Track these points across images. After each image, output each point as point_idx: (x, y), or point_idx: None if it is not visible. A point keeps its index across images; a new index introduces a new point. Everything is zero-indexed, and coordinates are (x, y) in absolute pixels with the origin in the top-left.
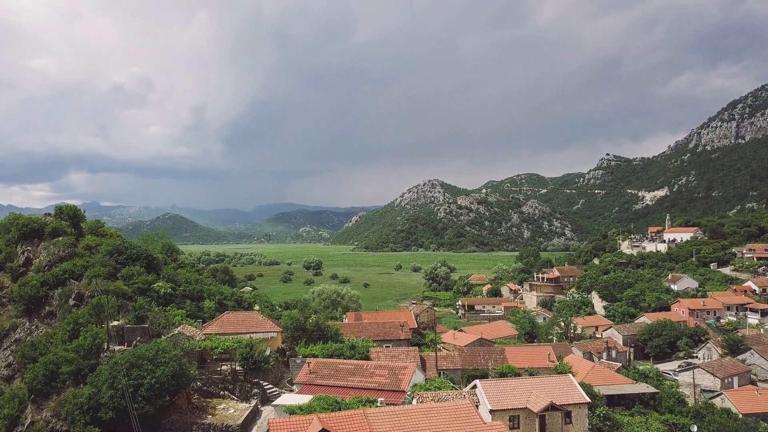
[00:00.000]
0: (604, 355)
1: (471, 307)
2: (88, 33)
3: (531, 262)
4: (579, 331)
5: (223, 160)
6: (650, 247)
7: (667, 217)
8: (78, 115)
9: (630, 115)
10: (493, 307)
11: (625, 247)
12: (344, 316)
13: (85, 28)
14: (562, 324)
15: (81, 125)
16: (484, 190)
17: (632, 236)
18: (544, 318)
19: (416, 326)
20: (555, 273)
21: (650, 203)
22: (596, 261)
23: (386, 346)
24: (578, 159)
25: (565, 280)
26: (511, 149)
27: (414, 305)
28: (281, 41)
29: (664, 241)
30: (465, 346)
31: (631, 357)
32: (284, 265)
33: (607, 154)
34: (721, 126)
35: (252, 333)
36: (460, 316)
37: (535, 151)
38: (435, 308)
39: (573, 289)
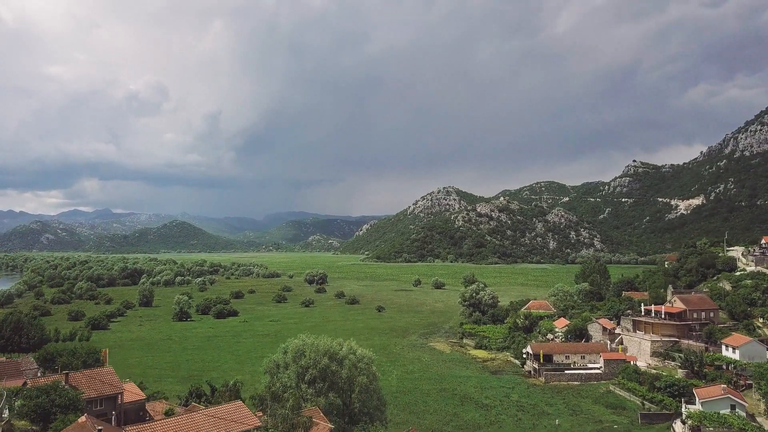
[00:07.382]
0: None
1: (548, 359)
2: (105, 41)
3: (598, 281)
4: None
5: (235, 169)
6: None
7: None
8: (92, 122)
9: (645, 125)
10: (583, 358)
11: (742, 261)
12: None
13: (102, 36)
14: None
15: (94, 132)
16: (501, 198)
17: (752, 249)
18: (734, 408)
19: None
20: (678, 305)
21: (685, 212)
22: (726, 285)
23: None
24: (594, 168)
25: (694, 316)
26: (524, 158)
27: None
28: (295, 50)
29: None
30: None
31: None
32: (285, 278)
33: (634, 161)
34: (761, 130)
35: None
36: (528, 373)
37: (549, 160)
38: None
39: (738, 337)
